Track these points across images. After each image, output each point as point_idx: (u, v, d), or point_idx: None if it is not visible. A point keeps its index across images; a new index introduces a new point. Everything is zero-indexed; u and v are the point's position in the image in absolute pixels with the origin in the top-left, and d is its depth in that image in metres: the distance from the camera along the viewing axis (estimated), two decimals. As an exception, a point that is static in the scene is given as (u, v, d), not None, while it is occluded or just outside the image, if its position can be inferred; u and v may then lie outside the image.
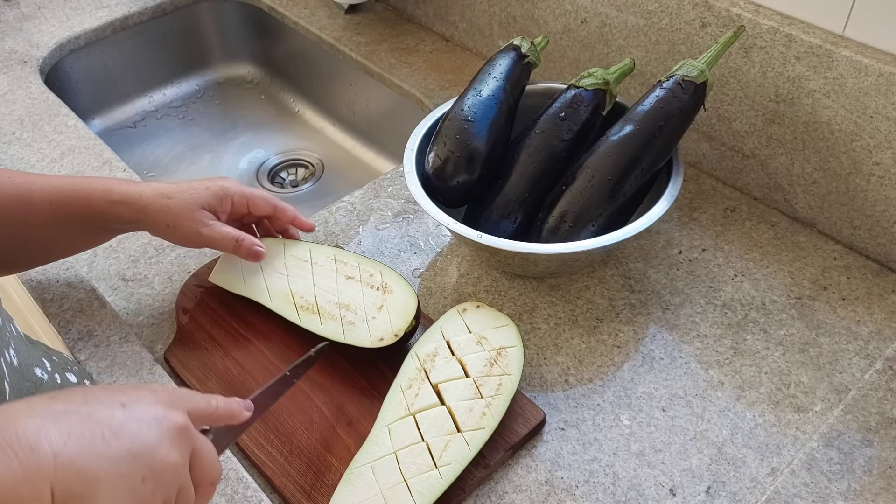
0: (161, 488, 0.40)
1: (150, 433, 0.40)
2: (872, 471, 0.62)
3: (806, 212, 0.83)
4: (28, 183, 0.65)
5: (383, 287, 0.70)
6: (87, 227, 0.68)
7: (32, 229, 0.66)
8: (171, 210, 0.67)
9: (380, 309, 0.69)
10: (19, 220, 0.65)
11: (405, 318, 0.68)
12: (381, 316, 0.68)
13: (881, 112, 0.72)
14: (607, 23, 0.90)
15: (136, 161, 1.21)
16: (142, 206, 0.67)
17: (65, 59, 1.18)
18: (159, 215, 0.67)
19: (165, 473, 0.40)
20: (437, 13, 1.15)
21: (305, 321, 0.70)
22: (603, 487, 0.62)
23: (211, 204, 0.70)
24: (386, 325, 0.68)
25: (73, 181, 0.67)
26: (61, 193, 0.66)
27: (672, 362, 0.71)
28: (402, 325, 0.67)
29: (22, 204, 0.64)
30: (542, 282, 0.78)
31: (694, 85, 0.75)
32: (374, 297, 0.70)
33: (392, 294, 0.70)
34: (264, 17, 1.29)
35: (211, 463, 0.45)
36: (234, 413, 0.49)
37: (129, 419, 0.40)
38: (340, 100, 1.23)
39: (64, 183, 0.67)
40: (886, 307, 0.75)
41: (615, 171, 0.72)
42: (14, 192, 0.64)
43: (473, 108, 0.77)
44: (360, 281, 0.71)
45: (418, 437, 0.61)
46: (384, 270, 0.72)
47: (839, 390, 0.68)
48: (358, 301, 0.70)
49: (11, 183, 0.65)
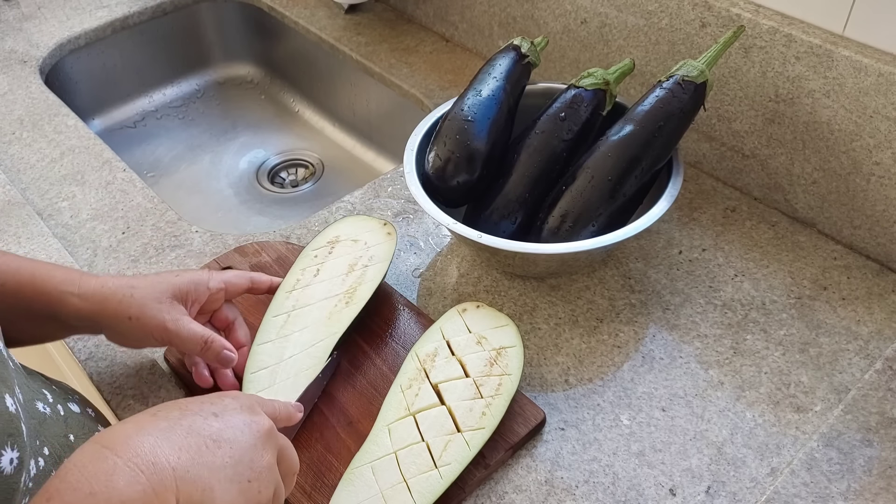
0: (265, 486, 0.44)
1: (245, 438, 0.44)
2: (872, 471, 0.62)
3: (806, 212, 0.83)
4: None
5: (333, 241, 0.76)
6: (37, 315, 0.61)
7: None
8: (134, 300, 0.60)
9: (357, 241, 0.76)
10: None
11: (366, 220, 0.78)
12: (366, 239, 0.76)
13: (881, 112, 0.72)
14: (607, 23, 0.91)
15: (136, 161, 1.21)
16: (100, 299, 0.60)
17: (65, 59, 1.18)
18: (121, 307, 0.60)
19: (264, 473, 0.44)
20: (437, 13, 1.15)
21: (359, 303, 0.70)
22: (603, 487, 0.62)
23: (182, 292, 0.62)
24: (374, 235, 0.76)
25: (33, 265, 0.61)
26: (16, 276, 0.60)
27: (672, 362, 0.71)
28: (373, 222, 0.77)
29: None
30: (542, 282, 0.78)
31: (694, 85, 0.75)
32: (345, 245, 0.75)
33: (341, 232, 0.77)
34: (264, 17, 1.29)
35: (292, 457, 0.49)
36: (291, 415, 0.53)
37: (224, 427, 0.43)
38: (340, 100, 1.23)
39: (22, 264, 0.60)
40: (886, 307, 0.75)
41: (615, 171, 0.72)
42: None
43: (473, 108, 0.77)
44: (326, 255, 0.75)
45: (418, 437, 0.61)
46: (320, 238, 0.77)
47: (839, 390, 0.68)
48: (349, 257, 0.74)
49: None
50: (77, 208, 0.88)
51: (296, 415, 0.54)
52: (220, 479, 0.41)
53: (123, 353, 0.71)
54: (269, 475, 0.44)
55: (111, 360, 0.70)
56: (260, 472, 0.44)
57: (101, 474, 0.37)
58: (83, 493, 0.36)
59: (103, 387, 0.68)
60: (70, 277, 0.61)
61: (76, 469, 0.38)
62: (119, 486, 0.37)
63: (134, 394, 0.68)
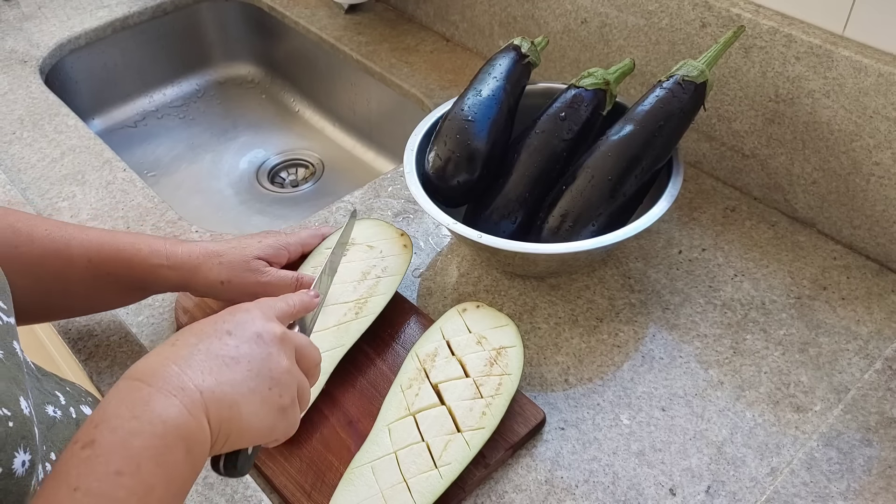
0: (286, 390, 0.47)
1: (260, 349, 0.47)
2: (872, 470, 0.62)
3: (806, 212, 0.83)
4: (66, 237, 0.64)
5: (370, 247, 0.75)
6: (127, 287, 0.66)
7: (71, 286, 0.64)
8: (223, 268, 0.66)
9: (372, 247, 0.75)
10: (57, 276, 0.63)
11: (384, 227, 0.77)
12: (381, 247, 0.75)
13: (881, 112, 0.72)
14: (607, 23, 0.91)
15: (137, 161, 1.21)
16: (190, 268, 0.65)
17: (65, 59, 1.18)
18: (211, 274, 0.65)
19: (283, 377, 0.47)
20: (437, 13, 1.15)
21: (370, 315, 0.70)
22: (603, 487, 0.62)
23: (267, 254, 0.68)
24: (390, 244, 0.75)
25: (114, 238, 0.65)
26: (101, 252, 0.64)
27: (672, 362, 0.71)
28: (391, 231, 0.76)
29: (59, 260, 0.63)
30: (542, 281, 0.78)
31: (694, 85, 0.75)
32: (361, 249, 0.75)
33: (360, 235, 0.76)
34: (264, 16, 1.29)
35: (311, 352, 0.52)
36: (307, 304, 0.56)
37: (239, 344, 0.46)
38: (340, 100, 1.23)
39: (105, 240, 0.65)
40: (886, 307, 0.75)
41: (615, 170, 0.72)
42: (52, 248, 0.63)
43: (474, 107, 0.77)
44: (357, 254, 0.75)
45: (418, 436, 0.61)
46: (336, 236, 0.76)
47: (839, 390, 0.68)
48: (362, 264, 0.74)
49: (49, 237, 0.63)
50: (77, 208, 0.88)
51: (312, 302, 0.57)
52: (243, 392, 0.44)
53: (123, 353, 0.71)
54: (288, 378, 0.47)
55: (111, 360, 0.70)
56: (279, 377, 0.46)
57: (138, 402, 0.41)
58: (126, 418, 0.40)
59: (103, 386, 0.68)
60: (156, 249, 0.65)
61: (115, 401, 0.41)
62: (157, 410, 0.40)
63: (134, 393, 0.67)
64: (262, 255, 0.68)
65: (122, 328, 0.73)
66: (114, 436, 0.39)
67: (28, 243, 0.62)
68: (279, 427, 0.47)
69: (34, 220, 0.65)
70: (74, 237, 0.64)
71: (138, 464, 0.39)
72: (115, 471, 0.38)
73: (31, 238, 0.63)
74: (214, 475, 0.61)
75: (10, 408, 0.43)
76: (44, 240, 0.63)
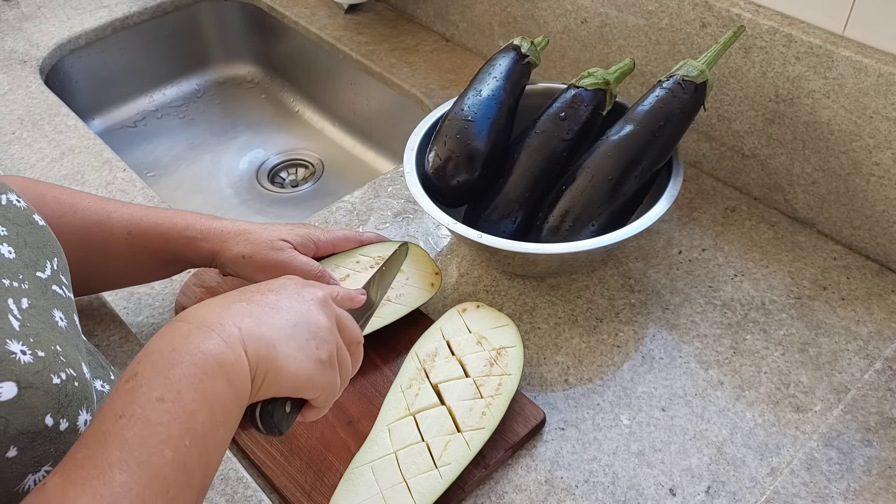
0: (323, 345, 0.48)
1: (301, 305, 0.49)
2: (872, 471, 0.62)
3: (806, 212, 0.83)
4: (108, 210, 0.66)
5: (401, 271, 0.74)
6: (162, 260, 0.68)
7: (109, 257, 0.66)
8: (250, 241, 0.67)
9: (402, 272, 0.73)
10: (97, 247, 0.65)
11: (426, 261, 0.75)
12: (410, 274, 0.74)
13: (881, 112, 0.72)
14: (607, 23, 0.91)
15: (136, 161, 1.21)
16: (220, 240, 0.67)
17: (65, 59, 1.18)
18: (237, 247, 0.67)
19: (322, 332, 0.48)
20: (437, 13, 1.15)
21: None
22: (602, 487, 0.62)
23: (295, 241, 0.69)
24: (421, 275, 0.74)
25: (152, 213, 0.68)
26: (140, 225, 0.66)
27: (672, 362, 0.71)
28: (430, 265, 0.74)
29: (100, 231, 0.65)
30: (542, 281, 0.78)
31: (694, 85, 0.75)
32: (397, 281, 0.73)
33: (414, 274, 0.74)
34: (264, 16, 1.29)
35: (353, 327, 0.53)
36: (353, 297, 0.57)
37: (281, 298, 0.49)
38: (340, 100, 1.23)
39: (144, 214, 0.67)
40: (886, 307, 0.75)
41: (615, 170, 0.72)
42: (94, 219, 0.65)
43: (473, 107, 0.77)
44: (367, 268, 0.73)
45: (418, 437, 0.61)
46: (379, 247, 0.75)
47: (839, 390, 0.68)
48: None
49: (91, 209, 0.65)
50: (77, 208, 0.88)
51: (358, 297, 0.57)
52: (282, 336, 0.46)
53: (123, 353, 0.71)
54: (327, 335, 0.49)
55: (111, 359, 0.70)
56: (317, 331, 0.48)
57: (178, 336, 0.43)
58: (166, 350, 0.42)
59: (103, 386, 0.68)
60: (191, 223, 0.68)
61: (157, 339, 0.43)
62: (195, 342, 0.43)
63: (134, 393, 0.68)
64: (289, 238, 0.69)
65: (122, 328, 0.73)
66: (154, 367, 0.41)
67: (71, 213, 0.65)
68: (316, 380, 0.48)
69: (78, 194, 0.67)
70: (115, 210, 0.67)
71: (179, 391, 0.40)
72: (156, 397, 0.40)
73: (74, 209, 0.65)
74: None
75: (76, 370, 0.46)
76: (86, 210, 0.65)
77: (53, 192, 0.65)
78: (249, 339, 0.44)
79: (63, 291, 0.52)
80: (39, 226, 0.54)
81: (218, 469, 0.45)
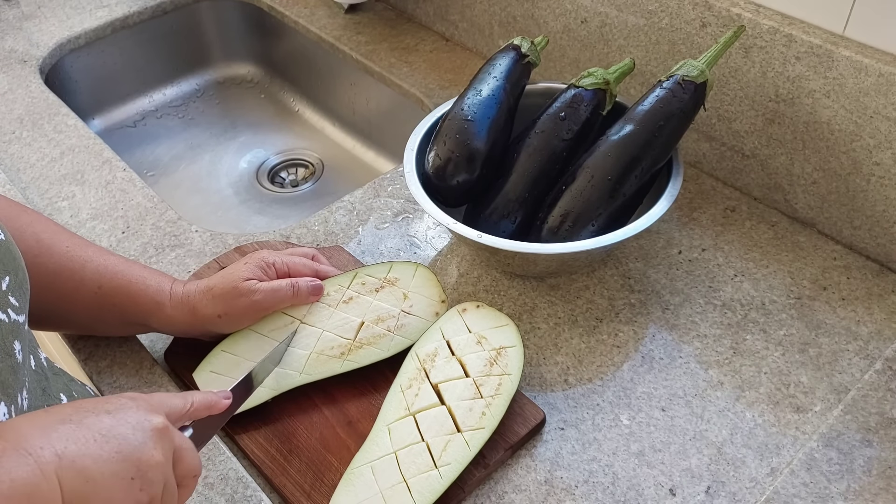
0: (148, 485, 0.44)
1: (136, 435, 0.44)
2: (872, 471, 0.62)
3: (806, 212, 0.83)
4: (83, 259, 0.64)
5: (392, 281, 0.71)
6: (129, 320, 0.67)
7: (75, 308, 0.65)
8: (217, 299, 0.65)
9: (407, 298, 0.70)
10: (65, 296, 0.64)
11: (433, 287, 0.72)
12: (415, 301, 0.70)
13: (881, 112, 0.72)
14: (607, 22, 0.90)
15: (136, 161, 1.21)
16: (190, 308, 0.65)
17: (65, 59, 1.18)
18: (207, 310, 0.65)
19: (151, 472, 0.44)
20: (437, 12, 1.15)
21: (350, 364, 0.67)
22: (602, 487, 0.62)
23: (255, 275, 0.67)
24: (426, 303, 0.70)
25: (128, 268, 0.66)
26: (113, 280, 0.65)
27: (672, 362, 0.71)
28: (437, 292, 0.71)
29: (71, 281, 0.64)
30: (542, 282, 0.78)
31: (694, 85, 0.75)
32: (395, 293, 0.71)
33: (406, 280, 0.72)
34: (264, 16, 1.29)
35: (192, 459, 0.48)
36: (211, 404, 0.53)
37: (116, 424, 0.44)
38: (340, 99, 1.23)
39: (119, 270, 0.65)
40: (886, 307, 0.75)
41: (615, 170, 0.72)
42: (67, 266, 0.63)
43: (473, 107, 0.77)
44: (372, 290, 0.71)
45: (418, 437, 0.61)
46: (386, 267, 0.73)
47: (839, 390, 0.68)
48: (384, 309, 0.70)
49: (66, 255, 0.64)
50: (77, 208, 0.88)
51: (219, 403, 0.53)
52: (104, 472, 0.42)
53: (123, 353, 0.71)
54: (155, 474, 0.44)
55: (111, 359, 0.70)
56: (146, 470, 0.44)
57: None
58: None
59: (103, 387, 0.68)
60: (162, 287, 0.66)
61: None
62: (7, 466, 0.38)
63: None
64: (249, 276, 0.66)
65: (121, 328, 0.73)
66: None
67: (47, 255, 0.63)
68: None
69: (59, 234, 0.65)
70: (92, 260, 0.65)
71: None
72: None
73: (50, 251, 0.63)
74: (214, 475, 0.61)
75: None
76: (62, 256, 0.63)
77: (35, 229, 0.63)
78: (68, 471, 0.40)
79: (6, 315, 0.49)
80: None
81: None
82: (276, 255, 0.70)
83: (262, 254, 0.70)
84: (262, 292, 0.66)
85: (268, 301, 0.66)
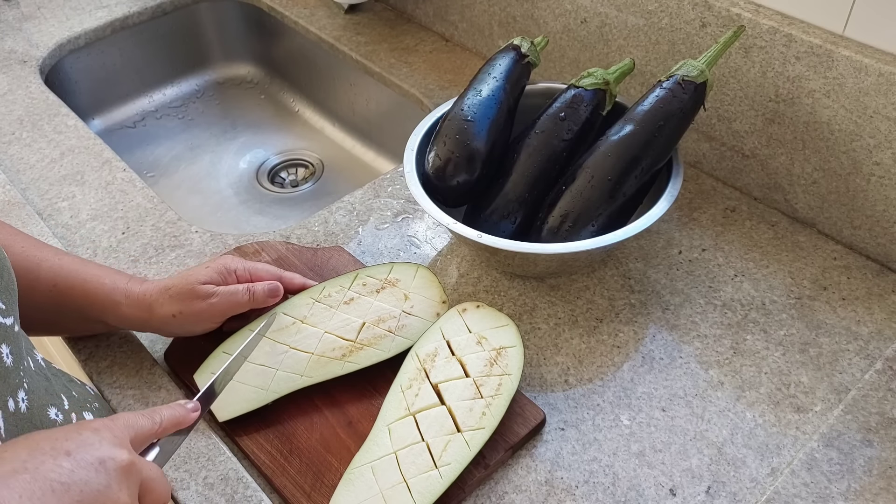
0: None
1: (99, 478, 0.41)
2: (872, 471, 0.62)
3: (806, 212, 0.83)
4: (38, 259, 0.64)
5: (393, 282, 0.71)
6: (88, 318, 0.67)
7: (33, 307, 0.64)
8: (174, 299, 0.65)
9: (408, 298, 0.70)
10: (21, 293, 0.62)
11: (434, 288, 0.72)
12: (416, 302, 0.71)
13: (881, 112, 0.72)
14: (607, 23, 0.90)
15: (136, 161, 1.21)
16: (146, 306, 0.65)
17: (65, 59, 1.18)
18: (163, 309, 0.65)
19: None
20: (436, 13, 1.15)
21: (351, 365, 0.67)
22: (603, 487, 0.62)
23: (213, 279, 0.67)
24: (427, 304, 0.71)
25: (83, 268, 0.66)
26: (68, 280, 0.64)
27: (672, 362, 0.71)
28: (438, 293, 0.71)
29: (27, 279, 0.63)
30: (542, 282, 0.78)
31: (694, 85, 0.75)
32: (396, 294, 0.71)
33: (407, 281, 0.72)
34: (264, 16, 1.29)
35: (161, 489, 0.46)
36: (179, 420, 0.52)
37: (75, 468, 0.40)
38: (340, 100, 1.23)
39: (74, 269, 0.65)
40: (886, 307, 0.75)
41: (615, 171, 0.72)
42: (23, 265, 0.63)
43: (473, 107, 0.77)
44: (373, 291, 0.71)
45: (418, 437, 0.61)
46: (387, 268, 0.73)
47: (839, 390, 0.68)
48: (385, 309, 0.70)
49: (22, 255, 0.64)
50: (77, 208, 0.88)
51: (187, 416, 0.52)
52: None
53: (123, 353, 0.71)
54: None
55: (111, 360, 0.70)
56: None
57: None
58: None
59: (103, 387, 0.68)
60: (118, 286, 0.66)
61: None
62: None
63: (134, 394, 0.68)
64: (208, 280, 0.66)
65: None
66: None
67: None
68: None
69: (15, 237, 0.65)
70: (46, 260, 0.65)
71: None
72: None
73: (6, 251, 0.62)
74: (214, 475, 0.61)
75: None
76: (17, 256, 0.63)
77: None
78: None
79: None
80: None
81: None
82: (240, 261, 0.70)
83: (226, 260, 0.70)
84: (219, 296, 0.66)
85: (223, 305, 0.66)
